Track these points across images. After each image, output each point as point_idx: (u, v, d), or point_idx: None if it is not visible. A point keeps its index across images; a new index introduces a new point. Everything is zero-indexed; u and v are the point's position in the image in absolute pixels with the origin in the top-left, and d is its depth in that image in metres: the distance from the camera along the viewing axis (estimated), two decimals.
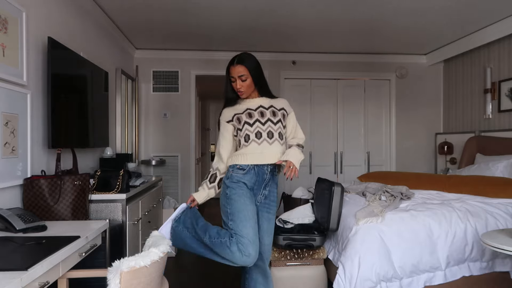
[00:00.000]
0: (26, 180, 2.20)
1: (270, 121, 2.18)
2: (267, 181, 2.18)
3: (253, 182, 2.14)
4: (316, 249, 2.81)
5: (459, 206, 2.82)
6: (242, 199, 2.06)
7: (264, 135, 2.15)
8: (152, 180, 3.69)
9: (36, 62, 2.44)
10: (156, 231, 1.82)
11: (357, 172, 5.15)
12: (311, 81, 5.40)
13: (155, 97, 5.18)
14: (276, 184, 2.25)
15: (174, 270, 3.77)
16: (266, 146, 2.14)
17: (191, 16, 3.80)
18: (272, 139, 2.16)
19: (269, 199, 2.21)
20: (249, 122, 2.16)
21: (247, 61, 2.17)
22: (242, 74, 2.15)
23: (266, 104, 2.22)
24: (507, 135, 4.08)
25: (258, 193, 2.17)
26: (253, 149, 2.14)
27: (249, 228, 1.99)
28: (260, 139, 2.14)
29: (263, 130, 2.16)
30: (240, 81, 2.16)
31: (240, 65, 2.15)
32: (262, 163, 2.14)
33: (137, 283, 1.32)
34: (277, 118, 2.20)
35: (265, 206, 2.20)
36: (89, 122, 3.13)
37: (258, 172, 2.15)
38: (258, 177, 2.15)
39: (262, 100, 2.24)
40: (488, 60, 4.54)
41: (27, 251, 1.51)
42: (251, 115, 2.17)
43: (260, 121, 2.17)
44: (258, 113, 2.18)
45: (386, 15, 3.80)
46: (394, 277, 2.52)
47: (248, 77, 2.16)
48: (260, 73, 2.21)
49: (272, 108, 2.22)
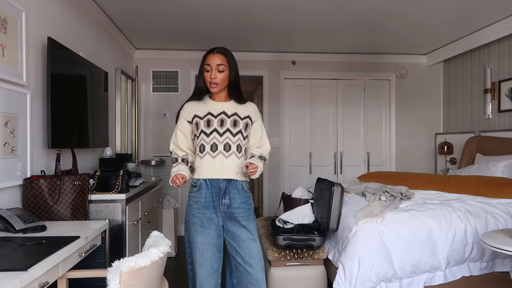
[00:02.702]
0: (26, 180, 2.19)
1: (229, 132, 2.04)
2: (224, 189, 2.04)
3: (209, 197, 2.04)
4: (316, 249, 2.81)
5: (459, 206, 2.82)
6: (194, 229, 2.04)
7: (220, 147, 2.03)
8: (152, 180, 3.69)
9: (35, 62, 2.44)
10: (156, 231, 1.80)
11: (357, 172, 5.15)
12: (311, 81, 5.40)
13: (154, 97, 5.18)
14: (239, 189, 2.07)
15: (174, 270, 3.77)
16: (221, 159, 2.03)
17: (191, 16, 3.80)
18: (229, 152, 2.03)
19: (232, 208, 2.05)
20: (205, 131, 2.05)
21: (229, 54, 2.07)
22: (221, 63, 2.02)
23: (230, 110, 2.08)
24: (507, 135, 4.08)
25: (219, 205, 2.05)
26: (207, 162, 2.03)
27: (202, 266, 2.00)
28: (215, 152, 2.03)
29: (220, 142, 2.03)
30: (216, 71, 2.02)
31: (221, 55, 2.04)
32: (216, 178, 2.03)
33: (136, 283, 1.32)
34: (237, 129, 2.06)
35: (231, 215, 2.06)
36: (88, 122, 3.12)
37: (212, 184, 2.04)
38: (213, 189, 2.04)
39: (227, 105, 2.09)
40: (488, 60, 4.54)
41: (26, 251, 1.50)
42: (209, 123, 2.05)
43: (218, 131, 2.04)
44: (217, 122, 2.05)
45: (386, 15, 3.80)
46: (394, 277, 2.52)
47: (226, 69, 2.04)
48: (236, 72, 2.09)
49: (234, 117, 2.07)
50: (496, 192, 3.03)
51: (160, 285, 1.53)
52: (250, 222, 2.09)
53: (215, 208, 2.04)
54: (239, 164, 2.06)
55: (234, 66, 2.07)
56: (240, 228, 2.06)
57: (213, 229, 2.04)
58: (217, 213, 2.05)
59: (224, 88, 2.10)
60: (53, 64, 2.46)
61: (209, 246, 2.01)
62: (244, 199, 2.08)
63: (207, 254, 2.00)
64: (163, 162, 5.05)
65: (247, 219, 2.08)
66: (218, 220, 2.05)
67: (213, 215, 2.04)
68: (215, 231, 2.04)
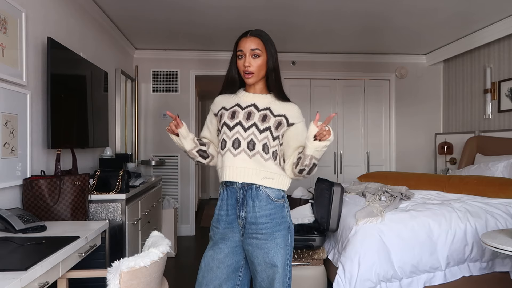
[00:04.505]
0: (26, 181, 2.19)
1: (255, 127, 1.65)
2: (241, 200, 1.65)
3: (225, 208, 1.68)
4: (316, 249, 2.81)
5: (459, 206, 2.82)
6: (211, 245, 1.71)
7: (244, 144, 1.65)
8: (152, 180, 3.69)
9: (35, 62, 2.44)
10: (156, 231, 1.80)
11: (357, 172, 5.15)
12: (311, 81, 5.41)
13: (154, 97, 5.18)
14: (262, 197, 1.64)
15: (174, 270, 3.77)
16: (243, 159, 1.65)
17: (190, 16, 3.80)
18: (253, 151, 1.64)
19: (254, 224, 1.63)
20: (228, 124, 1.69)
21: (266, 37, 1.71)
22: (255, 48, 1.66)
23: (263, 103, 1.70)
24: (507, 135, 4.08)
25: (236, 220, 1.66)
26: (227, 161, 1.66)
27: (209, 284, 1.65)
28: (237, 150, 1.65)
29: (244, 138, 1.65)
30: (250, 57, 1.66)
31: (256, 38, 1.68)
32: (233, 180, 1.66)
33: (136, 284, 1.32)
34: (265, 125, 1.66)
35: (250, 233, 1.64)
36: (88, 122, 3.12)
37: (229, 192, 1.67)
38: (230, 200, 1.67)
39: (261, 98, 1.72)
40: (488, 60, 4.54)
41: (26, 251, 1.50)
42: (234, 115, 1.69)
43: (242, 125, 1.67)
44: (244, 114, 1.68)
45: (386, 15, 3.80)
46: (394, 277, 2.52)
47: (263, 54, 1.68)
48: (276, 59, 1.72)
49: (266, 111, 1.68)
50: (496, 192, 3.03)
51: (160, 285, 1.53)
52: (272, 242, 1.62)
53: (231, 223, 1.68)
54: (264, 167, 1.65)
55: (272, 52, 1.71)
56: (256, 249, 1.63)
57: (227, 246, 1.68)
58: (233, 228, 1.68)
59: (262, 79, 1.74)
60: (53, 64, 2.46)
61: (221, 265, 1.66)
62: (269, 211, 1.64)
63: (216, 273, 1.65)
64: (163, 162, 5.05)
65: (268, 238, 1.62)
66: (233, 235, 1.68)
67: (227, 230, 1.68)
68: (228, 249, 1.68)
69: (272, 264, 1.61)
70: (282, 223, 1.65)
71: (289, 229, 1.67)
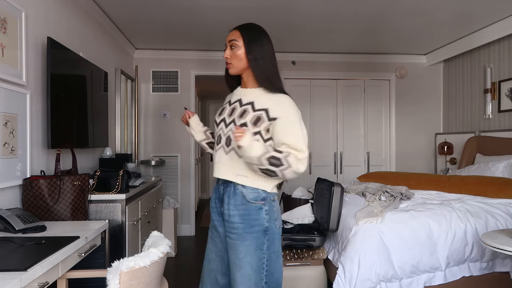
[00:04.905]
0: (26, 181, 2.19)
1: (233, 123, 1.64)
2: (221, 197, 1.69)
3: (214, 201, 1.75)
4: (316, 249, 2.81)
5: (459, 206, 2.82)
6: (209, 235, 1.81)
7: (223, 140, 1.67)
8: (152, 180, 3.69)
9: (35, 62, 2.44)
10: (156, 231, 1.80)
11: (357, 172, 5.15)
12: (311, 81, 5.40)
13: (154, 97, 5.18)
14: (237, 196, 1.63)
15: (174, 270, 3.76)
16: (220, 155, 1.68)
17: (190, 16, 3.80)
18: (229, 147, 1.65)
19: (228, 222, 1.65)
20: (216, 121, 1.76)
21: (245, 28, 1.69)
22: (232, 39, 1.66)
23: (248, 98, 1.66)
24: (507, 135, 4.08)
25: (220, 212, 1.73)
26: (214, 157, 1.74)
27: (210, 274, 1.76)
28: (218, 146, 1.70)
29: (224, 134, 1.67)
30: (229, 48, 1.68)
31: (236, 30, 1.69)
32: (215, 176, 1.71)
33: (136, 284, 1.32)
34: (242, 121, 1.61)
35: (227, 231, 1.67)
36: (88, 122, 3.12)
37: (216, 186, 1.75)
38: (216, 194, 1.74)
39: (249, 92, 1.69)
40: (488, 60, 4.54)
41: (26, 251, 1.50)
42: (222, 112, 1.75)
43: (225, 122, 1.69)
44: (229, 110, 1.70)
45: (386, 15, 3.80)
46: (394, 278, 2.52)
47: (240, 45, 1.65)
48: (260, 51, 1.66)
49: (247, 106, 1.63)
50: (496, 192, 3.03)
51: (160, 285, 1.53)
52: (242, 244, 1.60)
53: (220, 216, 1.73)
54: (238, 164, 1.62)
55: (253, 41, 1.65)
56: (229, 248, 1.65)
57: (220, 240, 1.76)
58: (221, 221, 1.73)
59: (249, 72, 1.69)
60: (53, 64, 2.46)
61: (217, 258, 1.74)
62: (242, 211, 1.61)
63: (213, 265, 1.74)
64: (163, 162, 5.05)
65: (238, 239, 1.61)
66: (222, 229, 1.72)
67: (217, 223, 1.75)
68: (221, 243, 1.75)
69: (239, 266, 1.60)
70: (256, 226, 1.60)
71: (265, 233, 1.61)
